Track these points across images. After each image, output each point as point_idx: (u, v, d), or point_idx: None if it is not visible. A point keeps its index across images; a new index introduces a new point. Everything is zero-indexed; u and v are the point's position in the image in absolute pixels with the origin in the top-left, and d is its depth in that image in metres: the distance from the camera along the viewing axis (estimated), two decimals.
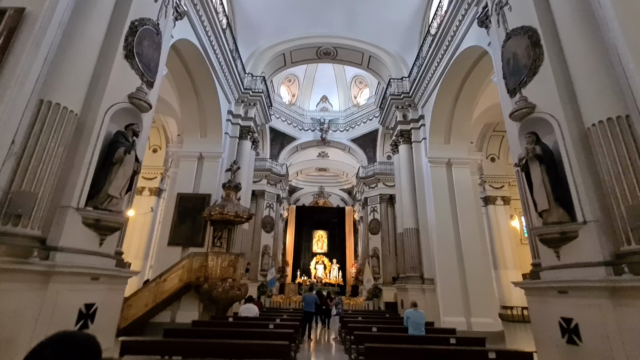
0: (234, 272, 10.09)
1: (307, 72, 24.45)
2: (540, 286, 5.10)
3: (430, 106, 12.27)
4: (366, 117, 22.76)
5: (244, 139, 13.13)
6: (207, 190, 11.61)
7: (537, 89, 5.42)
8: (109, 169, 4.83)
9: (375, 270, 20.15)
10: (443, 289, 10.52)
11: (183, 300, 10.43)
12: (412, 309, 6.96)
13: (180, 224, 11.25)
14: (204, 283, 9.72)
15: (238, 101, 13.33)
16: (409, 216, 12.19)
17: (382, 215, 21.24)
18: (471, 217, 11.30)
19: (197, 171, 11.93)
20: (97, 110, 4.81)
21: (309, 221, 31.20)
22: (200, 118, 12.11)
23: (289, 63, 15.58)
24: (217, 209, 10.22)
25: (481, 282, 10.61)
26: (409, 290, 11.12)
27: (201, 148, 12.08)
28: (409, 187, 12.58)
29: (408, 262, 11.67)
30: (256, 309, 8.47)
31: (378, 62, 14.89)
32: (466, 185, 11.76)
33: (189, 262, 10.10)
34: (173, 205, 11.49)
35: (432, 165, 11.97)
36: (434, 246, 11.05)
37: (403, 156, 13.08)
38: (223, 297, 9.59)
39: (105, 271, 4.73)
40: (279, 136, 22.88)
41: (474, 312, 10.28)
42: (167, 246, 11.01)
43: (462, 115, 11.94)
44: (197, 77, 11.26)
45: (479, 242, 11.14)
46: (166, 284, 9.84)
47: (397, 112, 13.54)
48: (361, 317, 9.45)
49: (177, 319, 10.16)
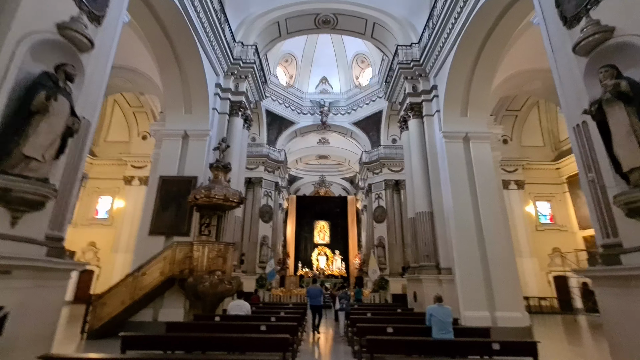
0: (223, 264, 8.79)
1: (305, 51, 22.88)
2: (621, 274, 3.75)
3: (444, 74, 10.81)
4: (369, 98, 21.25)
5: (234, 116, 11.72)
6: (193, 173, 10.25)
7: (615, 5, 3.97)
8: (26, 122, 3.46)
9: (381, 261, 18.89)
10: (463, 279, 9.21)
11: (167, 296, 9.16)
12: (435, 304, 5.64)
13: (163, 210, 9.92)
14: (189, 276, 8.43)
15: (227, 74, 11.87)
16: (422, 198, 10.83)
17: (388, 202, 19.90)
18: (493, 198, 9.94)
19: (181, 151, 10.55)
20: (2, 37, 3.41)
21: (310, 211, 30.02)
22: (184, 92, 10.69)
23: (284, 33, 14.05)
24: (203, 192, 8.88)
25: (505, 270, 9.30)
26: (423, 282, 9.82)
27: (186, 125, 10.68)
28: (420, 166, 11.19)
29: (421, 249, 10.34)
30: (248, 306, 7.17)
31: (383, 29, 13.34)
32: (486, 163, 10.37)
33: (171, 252, 8.79)
34: (155, 190, 10.15)
35: (447, 141, 10.57)
36: (452, 231, 9.71)
37: (413, 132, 11.65)
38: (211, 292, 8.30)
39: (22, 262, 3.38)
40: (276, 120, 21.44)
41: (498, 305, 8.98)
42: (148, 236, 9.68)
43: (481, 83, 10.48)
44: (178, 43, 9.83)
45: (502, 226, 9.79)
46: (146, 278, 8.55)
47: (405, 84, 12.07)
48: (370, 314, 8.15)
49: (160, 318, 8.89)
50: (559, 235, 18.93)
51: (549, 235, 18.90)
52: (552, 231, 19.06)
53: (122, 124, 21.30)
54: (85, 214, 19.84)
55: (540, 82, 12.87)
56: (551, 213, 19.80)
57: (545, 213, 19.83)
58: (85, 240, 19.38)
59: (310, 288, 10.28)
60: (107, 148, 20.98)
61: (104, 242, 19.12)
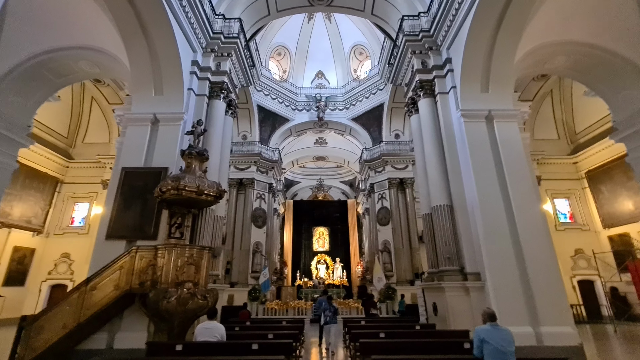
0: (196, 273, 6.95)
1: (299, 44, 21.39)
2: None
3: (459, 45, 9.19)
4: (369, 91, 19.65)
5: (215, 99, 10.01)
6: (164, 164, 8.47)
7: None
8: None
9: (387, 267, 17.01)
10: (496, 286, 7.41)
11: (126, 316, 7.29)
12: (487, 324, 3.85)
13: (126, 209, 8.10)
14: (150, 290, 6.59)
15: (206, 50, 10.19)
16: (439, 190, 9.07)
17: (392, 202, 18.12)
18: (526, 187, 8.20)
19: (150, 139, 8.79)
20: None
21: (308, 217, 28.28)
22: (153, 69, 8.98)
23: (273, 11, 12.42)
24: (170, 183, 7.08)
25: (547, 274, 7.52)
26: (446, 290, 7.97)
27: (155, 108, 8.95)
28: (435, 152, 9.47)
29: (442, 251, 8.53)
30: (221, 330, 5.32)
31: (385, 2, 11.75)
32: (515, 145, 8.67)
33: (130, 260, 6.95)
34: (116, 185, 8.35)
35: (467, 121, 8.89)
36: (479, 228, 7.94)
37: (425, 114, 9.96)
38: (179, 310, 6.44)
39: None
40: (269, 117, 19.77)
41: (542, 318, 7.17)
42: (106, 240, 7.86)
43: (504, 53, 8.86)
44: (143, 9, 8.17)
45: (540, 221, 8.03)
46: (96, 293, 6.68)
47: (414, 59, 10.42)
48: (383, 334, 6.28)
49: (117, 344, 7.04)
50: (580, 235, 17.23)
51: (569, 235, 17.21)
52: (573, 231, 17.38)
53: (102, 124, 19.57)
54: (58, 222, 17.96)
55: (564, 58, 11.26)
56: (570, 211, 18.11)
57: (564, 211, 18.14)
58: (59, 251, 17.45)
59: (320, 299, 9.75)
60: (85, 150, 19.24)
61: (79, 253, 17.18)
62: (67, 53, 10.49)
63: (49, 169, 17.87)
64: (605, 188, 16.76)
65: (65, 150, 18.92)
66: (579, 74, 11.50)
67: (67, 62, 10.91)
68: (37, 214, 17.18)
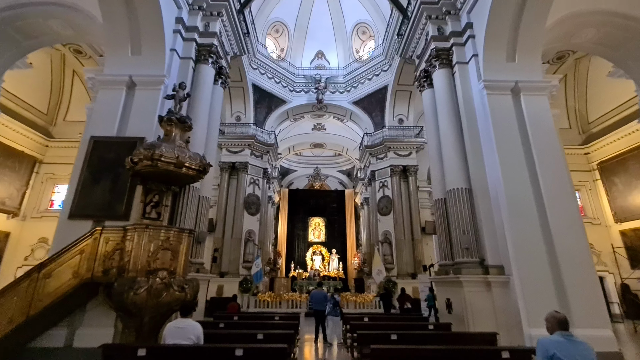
0: (173, 260, 5.81)
1: (298, 20, 20.00)
2: None
3: (484, 6, 8.02)
4: (372, 73, 18.40)
5: (203, 63, 8.76)
6: (140, 133, 7.26)
7: None
8: None
9: (387, 260, 16.00)
10: (524, 282, 6.39)
11: (90, 309, 6.17)
12: (558, 334, 2.81)
13: (94, 184, 6.91)
14: (116, 279, 5.45)
15: (193, 7, 8.89)
16: (456, 172, 7.97)
17: (395, 191, 17.04)
18: (558, 169, 7.16)
19: (125, 105, 7.55)
20: None
21: (304, 207, 27.18)
22: (130, 24, 7.70)
23: None
24: (143, 152, 5.89)
25: (582, 271, 6.51)
26: (464, 285, 6.92)
27: (132, 70, 7.69)
28: (452, 129, 8.35)
29: (458, 240, 7.46)
30: (198, 330, 4.20)
31: None
32: (545, 122, 7.60)
33: (92, 243, 5.78)
34: (83, 156, 7.14)
35: (490, 93, 7.78)
36: (503, 215, 6.89)
37: (440, 87, 8.81)
38: (150, 304, 5.32)
39: None
40: (265, 97, 18.46)
41: (577, 319, 6.16)
42: (69, 220, 6.68)
43: (536, 14, 7.71)
44: None
45: (573, 209, 7.00)
46: (51, 282, 5.53)
47: (429, 25, 9.23)
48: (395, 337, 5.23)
49: (76, 342, 5.93)
50: (590, 230, 16.21)
51: None
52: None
53: (85, 101, 18.04)
54: (36, 205, 16.65)
55: (593, 30, 10.13)
56: (580, 204, 17.21)
57: None
58: (36, 235, 16.15)
59: (315, 292, 9.50)
60: (67, 128, 17.81)
61: None
62: (35, 9, 9.17)
63: (26, 147, 16.48)
64: (619, 180, 15.86)
65: (44, 128, 17.50)
66: (609, 49, 10.42)
67: (35, 20, 9.58)
68: (12, 195, 15.85)
